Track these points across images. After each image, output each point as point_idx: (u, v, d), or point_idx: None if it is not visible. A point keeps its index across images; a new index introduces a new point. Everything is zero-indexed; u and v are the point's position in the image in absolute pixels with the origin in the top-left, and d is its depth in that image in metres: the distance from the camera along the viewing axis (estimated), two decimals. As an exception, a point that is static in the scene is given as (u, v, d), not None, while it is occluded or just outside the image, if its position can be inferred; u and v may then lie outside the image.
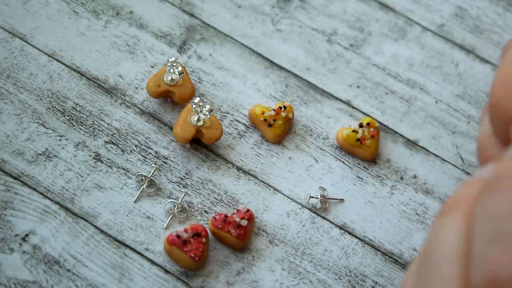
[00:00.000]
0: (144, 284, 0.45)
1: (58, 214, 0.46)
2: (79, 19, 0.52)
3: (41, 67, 0.50)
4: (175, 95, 0.49)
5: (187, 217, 0.47)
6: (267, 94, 0.51)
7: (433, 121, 0.51)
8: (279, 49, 0.52)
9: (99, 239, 0.46)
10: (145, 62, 0.51)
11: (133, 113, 0.49)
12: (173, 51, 0.52)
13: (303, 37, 0.53)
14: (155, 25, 0.52)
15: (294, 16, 0.53)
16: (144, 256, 0.46)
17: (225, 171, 0.48)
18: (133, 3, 0.53)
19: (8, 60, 0.50)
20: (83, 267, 0.45)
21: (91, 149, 0.48)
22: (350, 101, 0.51)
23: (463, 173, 0.50)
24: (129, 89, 0.50)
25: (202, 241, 0.45)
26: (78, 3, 0.52)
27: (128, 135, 0.49)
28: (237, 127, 0.50)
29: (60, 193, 0.47)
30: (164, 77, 0.49)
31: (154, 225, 0.46)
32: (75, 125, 0.49)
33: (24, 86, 0.49)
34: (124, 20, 0.52)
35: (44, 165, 0.47)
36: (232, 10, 0.53)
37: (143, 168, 0.48)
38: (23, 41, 0.51)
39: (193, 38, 0.52)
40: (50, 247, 0.45)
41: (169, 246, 0.45)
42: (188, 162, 0.48)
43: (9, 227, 0.45)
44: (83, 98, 0.49)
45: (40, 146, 0.48)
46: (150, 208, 0.47)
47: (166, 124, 0.49)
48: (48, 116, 0.49)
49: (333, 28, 0.53)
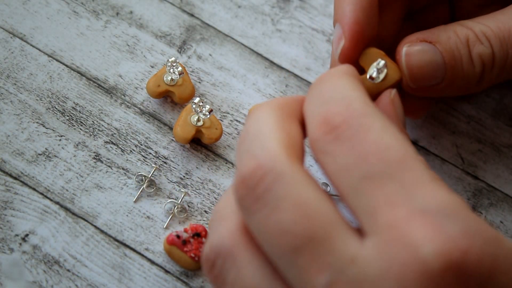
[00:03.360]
0: (144, 284, 0.45)
1: (58, 214, 0.46)
2: (79, 19, 0.52)
3: (41, 67, 0.50)
4: (175, 95, 0.49)
5: (187, 217, 0.47)
6: (267, 94, 0.51)
7: (433, 121, 0.51)
8: (279, 49, 0.52)
9: (99, 239, 0.46)
10: (145, 62, 0.51)
11: (133, 113, 0.49)
12: (173, 51, 0.52)
13: (303, 37, 0.53)
14: (155, 25, 0.52)
15: (294, 16, 0.53)
16: (144, 256, 0.46)
17: (225, 171, 0.48)
18: (133, 3, 0.53)
19: (8, 60, 0.50)
20: (83, 267, 0.45)
21: (91, 149, 0.48)
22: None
23: (463, 173, 0.50)
24: (129, 89, 0.50)
25: (202, 241, 0.45)
26: (78, 3, 0.52)
27: (128, 135, 0.49)
28: (237, 127, 0.50)
29: (60, 193, 0.47)
30: (164, 77, 0.49)
31: (154, 225, 0.46)
32: (75, 125, 0.49)
33: (24, 86, 0.49)
34: (124, 20, 0.52)
35: (44, 165, 0.47)
36: (232, 10, 0.53)
37: (143, 168, 0.48)
38: (23, 41, 0.51)
39: (193, 38, 0.52)
40: (50, 247, 0.45)
41: (169, 246, 0.45)
42: (188, 162, 0.48)
43: (9, 227, 0.45)
44: (83, 98, 0.49)
45: (40, 146, 0.48)
46: (150, 208, 0.47)
47: (166, 124, 0.49)
48: (48, 116, 0.49)
49: (333, 28, 0.53)
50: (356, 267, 0.28)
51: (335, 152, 0.30)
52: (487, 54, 0.41)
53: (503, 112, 0.51)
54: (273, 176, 0.29)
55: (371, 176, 0.29)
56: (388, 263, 0.27)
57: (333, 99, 0.31)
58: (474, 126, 0.51)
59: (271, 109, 0.33)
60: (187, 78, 0.49)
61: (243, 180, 0.30)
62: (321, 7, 0.54)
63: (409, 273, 0.27)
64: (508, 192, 0.49)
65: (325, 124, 0.31)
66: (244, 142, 0.32)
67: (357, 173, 0.29)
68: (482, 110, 0.51)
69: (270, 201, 0.29)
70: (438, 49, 0.41)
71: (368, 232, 0.29)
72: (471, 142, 0.50)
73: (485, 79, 0.42)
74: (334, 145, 0.30)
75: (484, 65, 0.41)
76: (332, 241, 0.28)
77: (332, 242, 0.28)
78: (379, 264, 0.28)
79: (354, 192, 0.29)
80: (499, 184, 0.49)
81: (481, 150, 0.50)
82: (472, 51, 0.41)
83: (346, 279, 0.28)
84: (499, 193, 0.49)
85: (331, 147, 0.30)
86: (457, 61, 0.41)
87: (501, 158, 0.50)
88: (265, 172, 0.30)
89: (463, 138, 0.51)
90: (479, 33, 0.41)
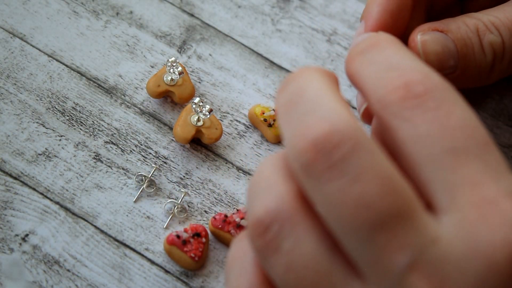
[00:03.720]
0: (144, 284, 0.45)
1: (58, 214, 0.46)
2: (79, 19, 0.52)
3: (41, 67, 0.50)
4: (175, 95, 0.49)
5: (187, 217, 0.47)
6: (267, 94, 0.51)
7: (433, 121, 0.51)
8: (279, 49, 0.52)
9: (99, 239, 0.46)
10: (145, 62, 0.51)
11: (133, 113, 0.49)
12: (173, 51, 0.52)
13: (303, 37, 0.53)
14: (155, 25, 0.52)
15: (294, 16, 0.53)
16: (144, 256, 0.46)
17: (225, 171, 0.48)
18: (133, 3, 0.53)
19: (8, 60, 0.50)
20: (83, 267, 0.45)
21: (91, 149, 0.48)
22: (350, 101, 0.51)
23: (463, 173, 0.50)
24: (129, 89, 0.50)
25: (202, 241, 0.45)
26: (78, 3, 0.52)
27: (128, 135, 0.49)
28: (237, 127, 0.50)
29: (60, 193, 0.47)
30: (164, 77, 0.49)
31: (154, 225, 0.46)
32: (75, 125, 0.49)
33: (24, 86, 0.49)
34: (124, 20, 0.52)
35: (44, 165, 0.47)
36: (232, 10, 0.53)
37: (143, 168, 0.48)
38: (23, 41, 0.51)
39: (193, 38, 0.52)
40: (50, 247, 0.45)
41: (169, 246, 0.45)
42: (188, 162, 0.48)
43: (9, 227, 0.45)
44: (83, 98, 0.49)
45: (40, 146, 0.48)
46: (150, 208, 0.47)
47: (166, 124, 0.49)
48: (48, 116, 0.49)
49: (333, 28, 0.53)
50: (438, 247, 0.26)
51: (416, 120, 0.28)
52: (497, 43, 0.41)
53: (503, 112, 0.51)
54: (353, 143, 0.27)
55: (457, 151, 0.27)
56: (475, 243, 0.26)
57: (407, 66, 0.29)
58: (474, 126, 0.51)
59: (320, 73, 0.30)
60: (187, 78, 0.49)
61: (314, 143, 0.27)
62: (321, 7, 0.54)
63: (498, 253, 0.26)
64: (508, 192, 0.49)
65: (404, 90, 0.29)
66: (301, 103, 0.29)
67: (441, 145, 0.28)
68: (482, 110, 0.51)
69: (349, 170, 0.27)
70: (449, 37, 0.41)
71: (446, 209, 0.27)
72: (471, 142, 0.50)
73: (495, 69, 0.42)
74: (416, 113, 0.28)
75: (495, 54, 0.41)
76: (415, 219, 0.27)
77: (415, 220, 0.27)
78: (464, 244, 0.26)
79: (432, 164, 0.28)
80: (499, 184, 0.49)
81: (481, 150, 0.50)
82: (482, 40, 0.41)
83: (428, 260, 0.26)
84: (499, 193, 0.49)
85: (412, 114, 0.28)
86: (469, 49, 0.41)
87: (501, 158, 0.50)
88: (344, 137, 0.27)
89: (463, 138, 0.51)
90: (487, 23, 0.41)
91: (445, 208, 0.27)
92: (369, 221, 0.27)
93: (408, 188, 0.27)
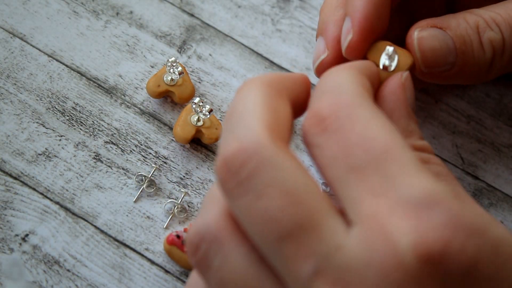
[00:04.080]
0: (144, 284, 0.45)
1: (58, 214, 0.46)
2: (79, 19, 0.52)
3: (41, 67, 0.50)
4: (175, 95, 0.49)
5: (187, 217, 0.47)
6: (267, 94, 0.51)
7: (433, 121, 0.51)
8: (279, 49, 0.52)
9: (99, 239, 0.46)
10: (145, 62, 0.51)
11: (133, 113, 0.49)
12: (173, 51, 0.52)
13: (303, 37, 0.53)
14: (155, 25, 0.52)
15: (294, 16, 0.53)
16: (144, 256, 0.46)
17: (225, 171, 0.48)
18: (133, 3, 0.53)
19: (8, 60, 0.50)
20: (83, 267, 0.45)
21: (91, 149, 0.48)
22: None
23: (463, 173, 0.50)
24: (129, 89, 0.50)
25: (202, 241, 0.45)
26: (78, 3, 0.52)
27: (128, 135, 0.49)
28: (237, 127, 0.50)
29: (60, 193, 0.47)
30: (164, 77, 0.49)
31: (154, 225, 0.46)
32: (75, 125, 0.49)
33: (24, 86, 0.49)
34: (124, 20, 0.52)
35: (44, 165, 0.47)
36: (232, 10, 0.53)
37: (143, 168, 0.48)
38: (23, 41, 0.51)
39: (193, 38, 0.52)
40: (50, 247, 0.45)
41: (169, 246, 0.45)
42: (188, 162, 0.48)
43: (9, 227, 0.45)
44: (83, 98, 0.49)
45: (40, 146, 0.48)
46: (150, 208, 0.47)
47: (166, 124, 0.49)
48: (48, 116, 0.49)
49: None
50: (341, 255, 0.28)
51: (323, 145, 0.30)
52: (497, 40, 0.41)
53: (503, 112, 0.51)
54: (256, 161, 0.29)
55: (356, 168, 0.29)
56: (370, 254, 0.27)
57: (326, 92, 0.31)
58: (474, 126, 0.51)
59: (260, 84, 0.32)
60: (187, 78, 0.49)
61: (225, 162, 0.29)
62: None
63: (388, 266, 0.27)
64: (508, 192, 0.49)
65: (314, 116, 0.30)
66: (229, 120, 0.31)
67: (343, 165, 0.29)
68: (482, 110, 0.51)
69: (253, 187, 0.28)
70: (448, 34, 0.41)
71: (352, 222, 0.29)
72: (471, 142, 0.50)
73: (495, 66, 0.42)
74: (322, 138, 0.30)
75: (495, 51, 0.41)
76: (319, 229, 0.28)
77: (319, 230, 0.28)
78: (362, 254, 0.27)
79: (340, 184, 0.29)
80: (499, 184, 0.49)
81: (481, 150, 0.50)
82: (482, 37, 0.41)
83: (331, 267, 0.28)
84: (499, 193, 0.49)
85: (319, 140, 0.30)
86: (468, 47, 0.41)
87: (501, 158, 0.50)
88: (249, 155, 0.29)
89: (463, 138, 0.51)
90: (488, 19, 0.41)
91: (352, 221, 0.29)
92: (275, 233, 0.28)
93: (315, 200, 0.29)
